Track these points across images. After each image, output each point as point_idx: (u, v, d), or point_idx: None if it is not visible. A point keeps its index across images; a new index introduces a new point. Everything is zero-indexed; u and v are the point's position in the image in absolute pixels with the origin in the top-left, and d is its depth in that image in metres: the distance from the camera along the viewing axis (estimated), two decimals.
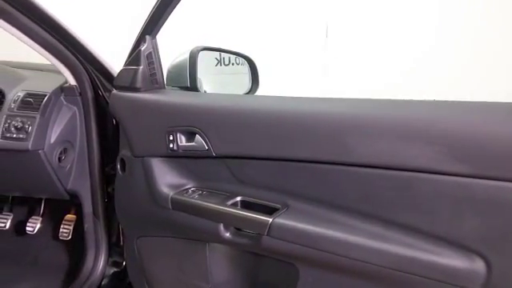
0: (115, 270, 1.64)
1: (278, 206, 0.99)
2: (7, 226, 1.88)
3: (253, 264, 1.16)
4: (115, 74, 1.34)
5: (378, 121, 0.86)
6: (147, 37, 1.22)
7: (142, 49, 1.21)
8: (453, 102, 0.86)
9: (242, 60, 1.58)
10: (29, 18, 1.20)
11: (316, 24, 3.23)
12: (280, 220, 0.94)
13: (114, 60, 1.39)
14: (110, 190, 1.55)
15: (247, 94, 1.56)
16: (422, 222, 0.81)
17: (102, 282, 1.61)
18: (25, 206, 2.00)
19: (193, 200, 1.10)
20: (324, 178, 0.93)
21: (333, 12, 3.17)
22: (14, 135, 1.40)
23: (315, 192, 0.95)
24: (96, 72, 1.43)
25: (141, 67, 1.22)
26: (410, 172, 0.81)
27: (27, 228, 1.82)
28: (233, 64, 1.77)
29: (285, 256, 0.99)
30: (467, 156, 0.76)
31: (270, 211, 0.98)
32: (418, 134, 0.81)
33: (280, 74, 3.02)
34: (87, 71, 1.42)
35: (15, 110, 1.43)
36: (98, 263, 1.60)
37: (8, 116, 1.42)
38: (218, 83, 1.67)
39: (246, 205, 1.06)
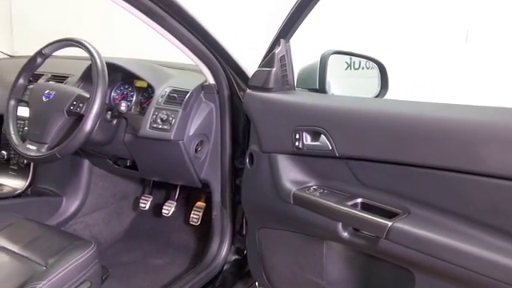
0: (237, 257, 1.74)
1: (399, 210, 0.98)
2: (147, 207, 2.09)
3: (368, 266, 1.16)
4: (249, 75, 1.43)
5: None
6: (281, 40, 1.27)
7: (276, 51, 1.27)
8: None
9: (371, 64, 1.56)
10: (177, 21, 1.30)
11: (456, 28, 3.05)
12: (400, 225, 0.93)
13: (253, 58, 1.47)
14: (237, 181, 1.64)
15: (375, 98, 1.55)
16: None
17: (224, 267, 1.71)
18: (163, 190, 2.21)
19: (314, 197, 1.13)
20: (450, 186, 0.90)
21: (475, 17, 2.96)
22: (160, 126, 1.54)
23: (439, 200, 0.93)
24: (233, 72, 1.53)
25: (274, 69, 1.28)
26: None
27: (163, 211, 2.00)
28: (362, 68, 1.77)
29: (401, 261, 0.98)
30: None
31: (390, 215, 0.98)
32: None
33: (414, 78, 2.91)
34: (225, 72, 1.52)
35: (162, 104, 1.58)
36: (222, 249, 1.70)
37: (156, 109, 1.58)
38: (346, 86, 1.67)
39: (365, 207, 1.06)
